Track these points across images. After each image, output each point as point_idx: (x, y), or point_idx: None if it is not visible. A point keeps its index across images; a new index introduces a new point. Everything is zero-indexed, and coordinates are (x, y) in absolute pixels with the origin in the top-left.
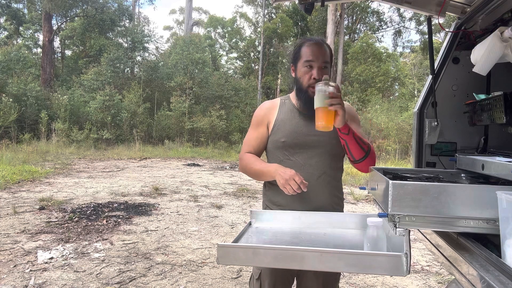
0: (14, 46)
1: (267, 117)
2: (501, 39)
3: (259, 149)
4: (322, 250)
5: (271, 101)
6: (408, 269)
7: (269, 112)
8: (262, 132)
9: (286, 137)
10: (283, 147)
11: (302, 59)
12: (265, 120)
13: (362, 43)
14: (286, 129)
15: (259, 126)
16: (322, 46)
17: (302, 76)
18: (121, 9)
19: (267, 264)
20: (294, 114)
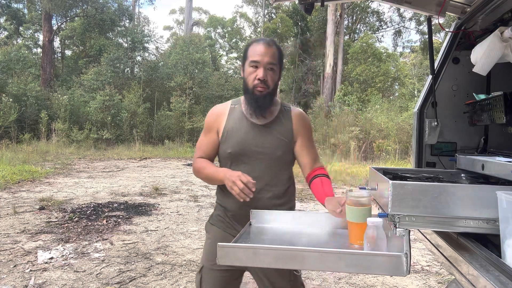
0: (14, 46)
1: (217, 124)
2: (501, 39)
3: (211, 155)
4: (322, 250)
5: (222, 105)
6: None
7: (218, 119)
8: (213, 138)
9: (232, 148)
10: (230, 157)
11: (248, 59)
12: (214, 127)
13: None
14: (233, 139)
15: (210, 132)
16: (270, 47)
17: (248, 77)
18: (121, 9)
19: (267, 264)
20: (242, 123)
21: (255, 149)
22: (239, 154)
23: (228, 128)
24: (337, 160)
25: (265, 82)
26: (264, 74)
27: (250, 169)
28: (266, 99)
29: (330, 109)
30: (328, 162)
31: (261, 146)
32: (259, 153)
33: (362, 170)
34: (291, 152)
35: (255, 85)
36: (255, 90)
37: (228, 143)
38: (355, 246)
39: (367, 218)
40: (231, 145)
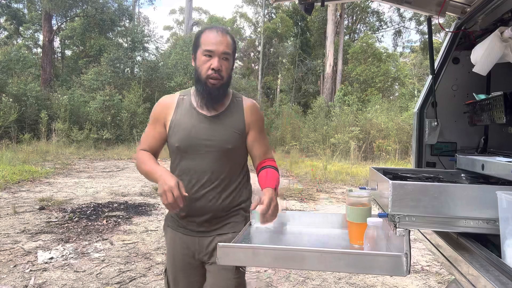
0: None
1: (164, 116)
2: (501, 39)
3: (155, 149)
4: (322, 250)
5: (170, 96)
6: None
7: (166, 111)
8: (160, 131)
9: (180, 142)
10: (178, 151)
11: (201, 47)
12: (161, 119)
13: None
14: (180, 132)
15: (156, 124)
16: (225, 36)
17: (200, 66)
18: (121, 9)
19: (267, 264)
20: (192, 115)
21: (204, 142)
22: (188, 148)
23: (175, 120)
24: (337, 160)
25: (219, 73)
26: (219, 64)
27: (199, 163)
28: (220, 90)
29: (330, 109)
30: (328, 162)
31: (210, 139)
32: (208, 146)
33: (362, 170)
34: (243, 145)
35: (208, 75)
36: (208, 81)
37: (175, 137)
38: (355, 246)
39: (367, 218)
40: (178, 138)
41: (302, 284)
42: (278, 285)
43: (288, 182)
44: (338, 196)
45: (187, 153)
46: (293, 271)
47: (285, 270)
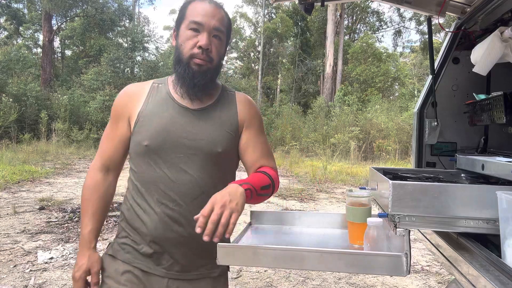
0: (14, 46)
1: (129, 108)
2: (501, 39)
3: (116, 161)
4: (322, 250)
5: (139, 84)
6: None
7: (132, 101)
8: (123, 132)
9: (150, 139)
10: (146, 153)
11: (187, 19)
12: (125, 113)
13: (362, 43)
14: (151, 127)
15: (118, 122)
16: (218, 8)
17: (184, 43)
18: (121, 9)
19: (267, 264)
20: (167, 105)
21: (185, 142)
22: (161, 148)
23: (145, 112)
24: (337, 160)
25: (208, 53)
26: (208, 41)
27: (176, 171)
28: (206, 75)
29: (330, 109)
30: (328, 162)
31: (193, 138)
32: (190, 148)
33: (362, 170)
34: (234, 149)
35: (193, 54)
36: (192, 61)
37: (144, 132)
38: (355, 246)
39: (367, 218)
40: (149, 134)
41: (302, 284)
42: (278, 285)
43: (288, 182)
44: (338, 196)
45: (159, 156)
46: (293, 271)
47: (285, 270)
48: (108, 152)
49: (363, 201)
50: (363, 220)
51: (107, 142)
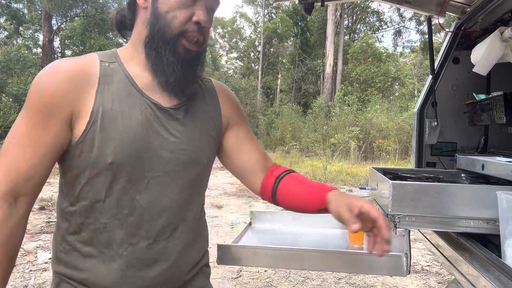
0: (14, 46)
1: (71, 100)
2: (501, 39)
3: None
4: (322, 250)
5: (78, 61)
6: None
7: (76, 89)
8: (55, 134)
9: (116, 154)
10: (109, 174)
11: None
12: (64, 106)
13: (362, 43)
14: (118, 133)
15: (49, 120)
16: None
17: (173, 10)
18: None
19: (267, 264)
20: (133, 99)
21: (163, 155)
22: (132, 166)
23: (103, 109)
24: (337, 160)
25: (203, 32)
26: (207, 17)
27: (154, 196)
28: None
29: (330, 109)
30: (328, 162)
31: (173, 148)
32: (170, 163)
33: (362, 170)
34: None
35: (185, 31)
36: (182, 42)
37: (105, 143)
38: (355, 246)
39: None
40: (115, 146)
41: (302, 284)
42: (278, 285)
43: None
44: None
45: (128, 177)
46: (293, 271)
47: (285, 270)
48: (24, 168)
49: None
50: None
51: (22, 151)
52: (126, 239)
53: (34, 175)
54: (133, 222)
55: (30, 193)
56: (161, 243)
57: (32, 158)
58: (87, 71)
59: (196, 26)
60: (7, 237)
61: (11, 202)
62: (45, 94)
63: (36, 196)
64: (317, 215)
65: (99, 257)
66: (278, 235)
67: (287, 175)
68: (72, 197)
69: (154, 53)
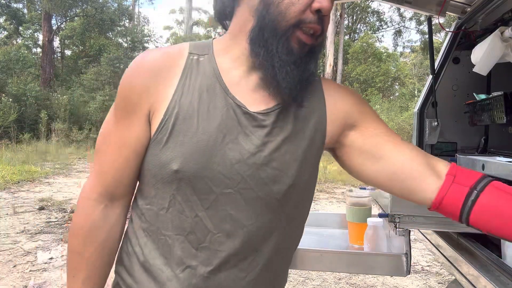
0: (14, 46)
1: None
2: (502, 39)
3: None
4: (322, 250)
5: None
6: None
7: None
8: (138, 131)
9: (184, 160)
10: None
11: None
12: (145, 102)
13: (362, 43)
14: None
15: (132, 117)
16: None
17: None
18: (121, 9)
19: None
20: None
21: (238, 170)
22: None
23: (179, 107)
24: None
25: (323, 23)
26: (330, 3)
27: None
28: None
29: None
30: (328, 162)
31: (252, 163)
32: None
33: None
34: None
35: (303, 21)
36: (297, 35)
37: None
38: (355, 246)
39: (367, 218)
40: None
41: (302, 284)
42: None
43: None
44: (338, 196)
45: (194, 189)
46: (293, 271)
47: None
48: (111, 171)
49: (363, 201)
50: (363, 220)
51: (110, 151)
52: (184, 259)
53: (122, 177)
54: (193, 242)
55: (124, 193)
56: (224, 273)
57: (117, 160)
58: (171, 63)
59: (316, 15)
60: (103, 243)
61: (107, 204)
62: (126, 89)
63: (130, 196)
64: (317, 215)
65: (155, 273)
66: None
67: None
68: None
69: (263, 50)
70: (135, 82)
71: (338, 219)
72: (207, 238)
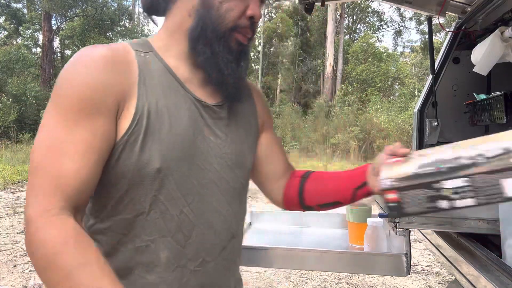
0: (14, 46)
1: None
2: (502, 39)
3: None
4: (322, 250)
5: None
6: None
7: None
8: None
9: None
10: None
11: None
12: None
13: (362, 43)
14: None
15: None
16: None
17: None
18: (121, 9)
19: (267, 264)
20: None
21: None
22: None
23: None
24: (337, 160)
25: (254, 28)
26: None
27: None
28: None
29: (330, 109)
30: (328, 162)
31: (221, 153)
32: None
33: None
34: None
35: (239, 26)
36: (235, 37)
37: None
38: (355, 246)
39: (367, 218)
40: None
41: (302, 284)
42: (278, 285)
43: None
44: None
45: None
46: (293, 271)
47: (285, 270)
48: (75, 180)
49: (363, 201)
50: (363, 220)
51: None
52: (173, 261)
53: (88, 188)
54: (181, 240)
55: (84, 207)
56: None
57: (82, 169)
58: (124, 59)
59: (249, 21)
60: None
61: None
62: (83, 88)
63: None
64: (317, 215)
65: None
66: (278, 235)
67: (312, 173)
68: (104, 211)
69: (207, 49)
70: (93, 78)
71: (338, 219)
72: (193, 233)
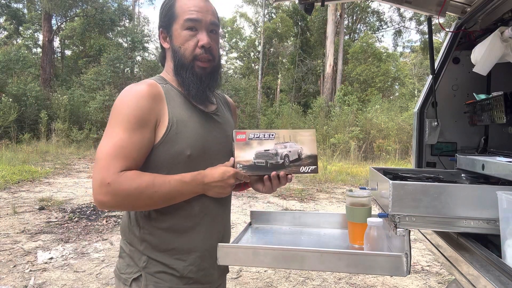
0: (14, 46)
1: (155, 112)
2: (501, 39)
3: (140, 164)
4: (322, 250)
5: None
6: (408, 269)
7: (157, 104)
8: (148, 137)
9: (192, 148)
10: (187, 164)
11: (180, 18)
12: (152, 118)
13: (362, 43)
14: (189, 134)
15: (143, 128)
16: (207, 1)
17: (183, 44)
18: (121, 9)
19: (267, 264)
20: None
21: (217, 148)
22: (202, 157)
23: (175, 118)
24: (337, 160)
25: (210, 51)
26: (209, 38)
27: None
28: (214, 75)
29: (330, 109)
30: (328, 162)
31: (219, 142)
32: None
33: (362, 170)
34: None
35: (196, 55)
36: (196, 64)
37: (183, 141)
38: (355, 246)
39: (367, 218)
40: (189, 142)
41: (302, 284)
42: (278, 285)
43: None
44: (338, 196)
45: (198, 163)
46: (293, 271)
47: (285, 270)
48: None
49: (363, 201)
50: (363, 220)
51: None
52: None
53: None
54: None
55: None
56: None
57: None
58: (157, 91)
59: (203, 49)
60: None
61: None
62: (137, 110)
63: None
64: (317, 215)
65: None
66: (278, 235)
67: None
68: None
69: (180, 78)
70: (142, 105)
71: (338, 219)
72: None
